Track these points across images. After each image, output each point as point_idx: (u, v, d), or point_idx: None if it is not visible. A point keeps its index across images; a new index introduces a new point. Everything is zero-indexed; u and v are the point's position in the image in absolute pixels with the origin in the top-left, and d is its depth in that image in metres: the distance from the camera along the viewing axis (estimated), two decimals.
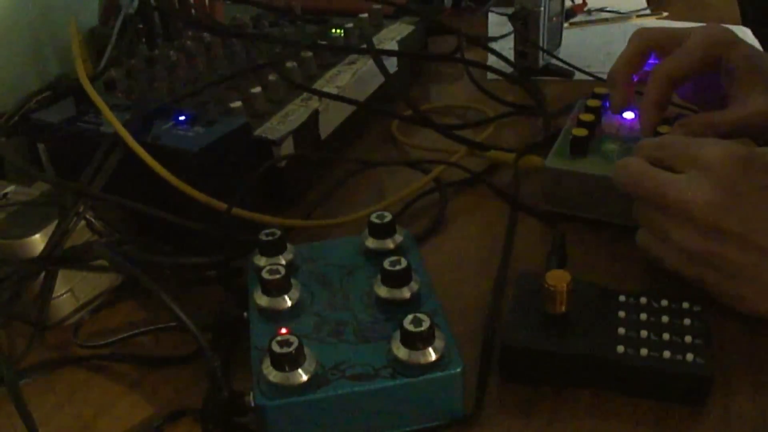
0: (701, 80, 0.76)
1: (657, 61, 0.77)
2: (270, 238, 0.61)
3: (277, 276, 0.56)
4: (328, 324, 0.55)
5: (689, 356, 0.53)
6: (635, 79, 0.78)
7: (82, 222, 0.65)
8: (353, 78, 0.89)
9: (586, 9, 1.33)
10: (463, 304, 0.65)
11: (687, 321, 0.56)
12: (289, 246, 0.62)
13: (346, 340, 0.54)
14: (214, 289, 0.67)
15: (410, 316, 0.50)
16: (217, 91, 0.84)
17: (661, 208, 0.60)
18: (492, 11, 1.31)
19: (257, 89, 0.81)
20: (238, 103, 0.79)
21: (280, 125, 0.78)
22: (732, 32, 0.74)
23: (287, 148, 0.77)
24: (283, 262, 0.61)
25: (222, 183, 0.70)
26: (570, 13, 1.26)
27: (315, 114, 0.82)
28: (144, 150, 0.67)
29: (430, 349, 0.50)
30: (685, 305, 0.58)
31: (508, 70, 1.05)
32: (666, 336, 0.55)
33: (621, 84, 0.78)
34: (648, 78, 0.75)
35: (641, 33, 0.78)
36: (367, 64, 0.92)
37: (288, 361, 0.49)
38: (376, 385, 0.50)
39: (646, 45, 0.77)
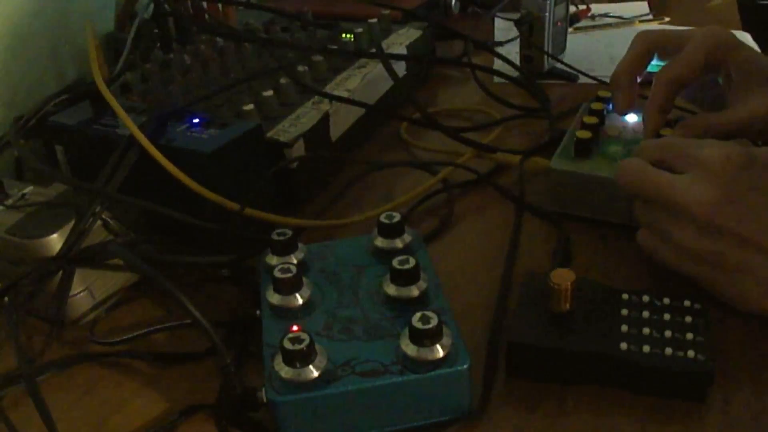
0: (702, 81, 0.76)
1: (659, 63, 0.77)
2: (282, 237, 0.61)
3: (289, 275, 0.56)
4: (339, 321, 0.55)
5: (690, 353, 0.53)
6: (638, 81, 0.78)
7: (99, 222, 0.65)
8: (363, 81, 0.89)
9: (589, 14, 1.32)
10: (470, 302, 0.65)
11: (688, 318, 0.56)
12: (300, 245, 0.62)
13: (355, 337, 0.54)
14: (227, 287, 0.68)
15: (418, 314, 0.50)
16: (230, 95, 0.84)
17: (662, 208, 0.60)
18: (498, 16, 1.30)
19: (269, 92, 0.82)
20: (250, 106, 0.80)
21: (291, 128, 0.78)
22: (733, 35, 0.73)
23: (298, 149, 0.77)
24: (295, 261, 0.61)
25: (235, 184, 0.70)
26: (574, 19, 1.26)
27: (326, 117, 0.82)
28: (159, 152, 0.67)
29: (438, 346, 0.50)
30: (687, 303, 0.58)
31: (514, 73, 1.05)
32: (668, 333, 0.55)
33: (624, 85, 0.78)
34: (652, 81, 0.74)
35: (644, 35, 0.78)
36: (376, 68, 0.92)
37: (299, 358, 0.49)
38: (385, 381, 0.50)
39: (648, 47, 0.77)
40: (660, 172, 0.60)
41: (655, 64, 0.78)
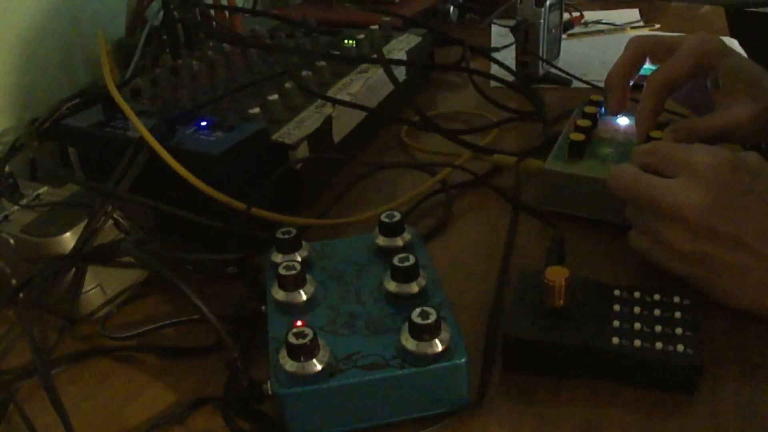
0: (692, 84, 0.76)
1: (650, 67, 0.77)
2: (286, 236, 0.61)
3: (293, 272, 0.56)
4: (341, 317, 0.55)
5: (680, 347, 0.53)
6: (630, 83, 0.78)
7: (110, 221, 0.65)
8: (364, 86, 0.89)
9: (583, 21, 1.32)
10: (467, 299, 0.65)
11: (678, 314, 0.56)
12: (304, 244, 0.62)
13: (357, 332, 0.54)
14: (234, 284, 0.68)
15: (418, 310, 0.50)
16: (236, 98, 0.84)
17: (653, 211, 0.60)
18: (495, 23, 1.30)
19: (274, 96, 0.81)
20: (256, 110, 0.79)
21: (295, 130, 0.78)
22: (721, 41, 0.73)
23: (302, 151, 0.77)
24: (299, 258, 0.61)
25: (241, 184, 0.70)
26: (568, 25, 1.26)
27: (329, 120, 0.82)
28: (168, 153, 0.67)
29: (437, 341, 0.50)
30: (676, 299, 0.58)
31: (510, 78, 1.05)
32: (658, 328, 0.55)
33: (618, 88, 0.78)
34: (644, 85, 0.74)
35: (636, 40, 0.78)
36: (377, 73, 0.91)
37: (303, 352, 0.49)
38: (385, 374, 0.50)
39: (641, 51, 0.77)
40: (651, 176, 0.60)
41: (647, 68, 0.78)
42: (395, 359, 0.51)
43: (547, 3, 1.03)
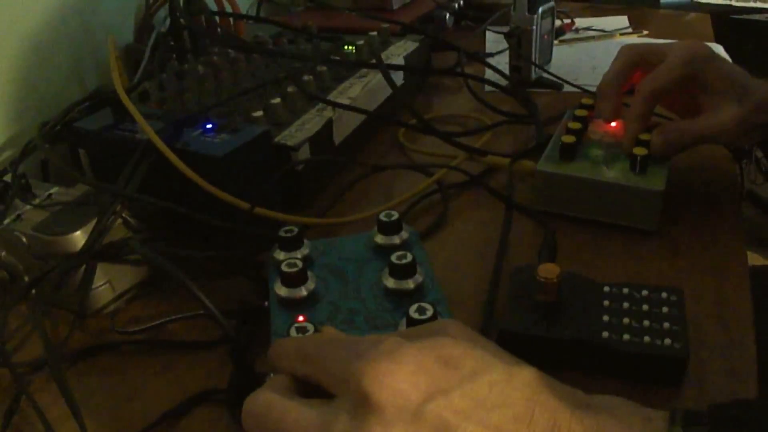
0: (679, 90, 0.76)
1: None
2: (288, 234, 0.61)
3: (295, 269, 0.56)
4: (341, 312, 0.55)
5: (667, 341, 0.53)
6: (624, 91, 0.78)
7: (119, 220, 0.65)
8: (364, 90, 0.89)
9: (574, 28, 1.33)
10: (463, 295, 0.65)
11: (665, 309, 0.56)
12: (305, 242, 0.62)
13: (357, 327, 0.54)
14: (238, 280, 0.67)
15: (415, 305, 0.50)
16: (240, 102, 0.83)
17: None
18: (489, 29, 1.30)
19: (277, 100, 0.81)
20: (259, 113, 0.79)
21: (297, 133, 0.78)
22: (709, 48, 0.73)
23: (304, 153, 0.77)
24: (300, 256, 0.61)
25: (245, 185, 0.70)
26: (559, 32, 1.26)
27: (329, 122, 0.82)
28: (175, 155, 0.67)
29: None
30: (664, 295, 0.58)
31: (504, 82, 1.05)
32: (646, 323, 0.55)
33: (611, 96, 0.77)
34: (634, 91, 0.74)
35: (627, 49, 0.78)
36: (376, 77, 0.91)
37: None
38: None
39: (631, 60, 0.77)
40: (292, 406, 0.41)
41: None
42: None
43: (540, 10, 1.03)
